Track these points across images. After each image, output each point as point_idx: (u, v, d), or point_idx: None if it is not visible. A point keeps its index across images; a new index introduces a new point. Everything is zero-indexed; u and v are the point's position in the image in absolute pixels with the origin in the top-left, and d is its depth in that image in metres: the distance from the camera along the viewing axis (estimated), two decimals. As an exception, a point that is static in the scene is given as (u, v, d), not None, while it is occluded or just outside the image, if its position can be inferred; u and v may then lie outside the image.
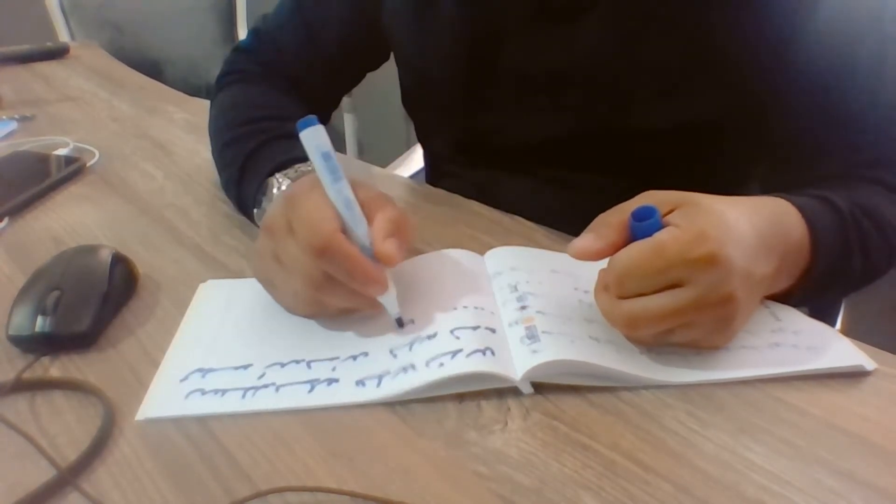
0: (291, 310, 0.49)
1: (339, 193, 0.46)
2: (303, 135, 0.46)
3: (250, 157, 0.62)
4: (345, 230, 0.45)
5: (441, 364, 0.42)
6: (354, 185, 0.47)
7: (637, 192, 0.46)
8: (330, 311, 0.48)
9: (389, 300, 0.46)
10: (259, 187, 0.59)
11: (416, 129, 0.82)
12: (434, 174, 0.84)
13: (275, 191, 0.58)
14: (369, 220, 0.47)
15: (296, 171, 0.58)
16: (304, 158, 0.58)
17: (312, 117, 0.46)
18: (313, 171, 0.46)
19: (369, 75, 0.82)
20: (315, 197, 0.46)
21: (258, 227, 0.59)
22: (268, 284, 0.49)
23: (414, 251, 0.57)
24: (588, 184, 0.67)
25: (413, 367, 0.43)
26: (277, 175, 0.58)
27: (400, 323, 0.47)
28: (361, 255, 0.44)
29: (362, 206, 0.47)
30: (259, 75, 0.76)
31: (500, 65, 0.66)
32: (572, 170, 0.68)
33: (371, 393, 0.42)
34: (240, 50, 0.79)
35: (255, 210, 0.61)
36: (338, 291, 0.45)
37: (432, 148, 0.83)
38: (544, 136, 0.67)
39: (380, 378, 0.43)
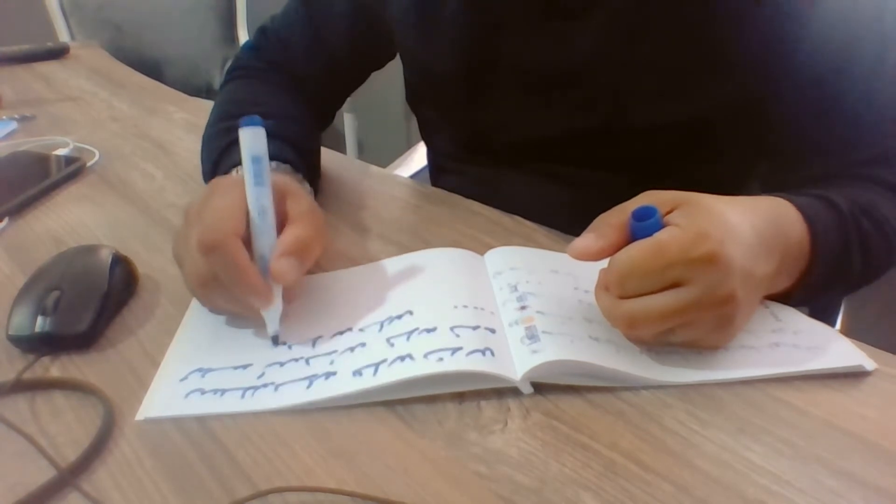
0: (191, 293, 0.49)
1: (257, 200, 0.46)
2: (241, 132, 0.46)
3: (224, 151, 0.62)
4: (251, 236, 0.45)
5: (440, 359, 0.42)
6: (291, 197, 0.48)
7: (638, 189, 0.46)
8: (222, 309, 0.48)
9: (271, 315, 0.46)
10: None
11: (420, 126, 0.82)
12: (436, 171, 0.84)
13: None
14: (285, 232, 0.46)
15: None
16: (276, 158, 0.58)
17: (257, 118, 0.46)
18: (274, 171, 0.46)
19: (370, 75, 0.82)
20: (232, 195, 0.46)
21: None
22: (178, 263, 0.49)
23: (413, 251, 0.57)
24: (590, 180, 0.68)
25: (411, 357, 0.43)
26: (239, 167, 0.57)
27: (275, 341, 0.46)
28: (250, 265, 0.44)
29: (285, 218, 0.47)
30: (264, 72, 0.76)
31: (502, 62, 0.66)
32: (574, 166, 0.68)
33: (368, 381, 0.42)
34: (248, 48, 0.80)
35: None
36: (222, 293, 0.45)
37: (435, 145, 0.83)
38: (546, 132, 0.68)
39: (377, 367, 0.43)
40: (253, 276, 0.44)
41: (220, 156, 0.62)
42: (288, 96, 0.73)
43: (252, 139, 0.46)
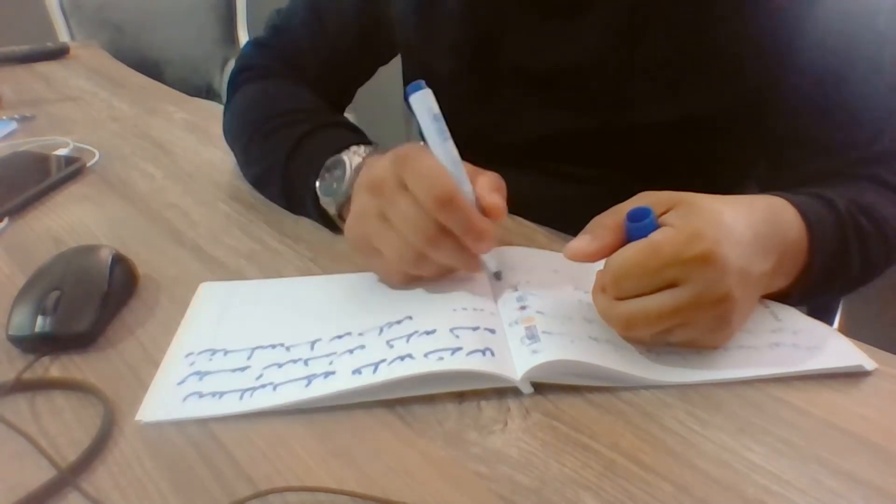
0: (388, 273, 0.51)
1: (448, 153, 0.48)
2: (413, 98, 0.48)
3: (303, 139, 0.62)
4: None
5: (440, 358, 0.42)
6: None
7: (638, 188, 0.46)
8: (429, 272, 0.49)
9: (490, 257, 0.49)
10: (320, 166, 0.59)
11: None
12: None
13: (347, 169, 0.57)
14: (471, 181, 0.48)
15: (364, 152, 0.58)
16: (364, 144, 0.59)
17: (421, 82, 0.49)
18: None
19: (375, 72, 0.82)
20: (428, 156, 0.47)
21: (310, 207, 0.60)
22: (365, 247, 0.50)
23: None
24: (590, 180, 0.68)
25: (411, 356, 0.43)
26: (347, 153, 0.58)
27: (498, 276, 0.50)
28: (477, 211, 0.46)
29: None
30: (281, 70, 0.77)
31: (502, 60, 0.66)
32: (573, 165, 0.69)
33: (367, 379, 0.42)
34: (257, 45, 0.80)
35: (317, 183, 0.59)
36: (447, 247, 0.46)
37: None
38: (546, 131, 0.68)
39: (376, 366, 0.43)
40: (483, 222, 0.46)
41: (300, 141, 0.62)
42: (311, 92, 0.74)
43: (427, 101, 0.49)
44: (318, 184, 0.59)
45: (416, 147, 0.49)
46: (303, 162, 0.61)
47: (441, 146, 0.48)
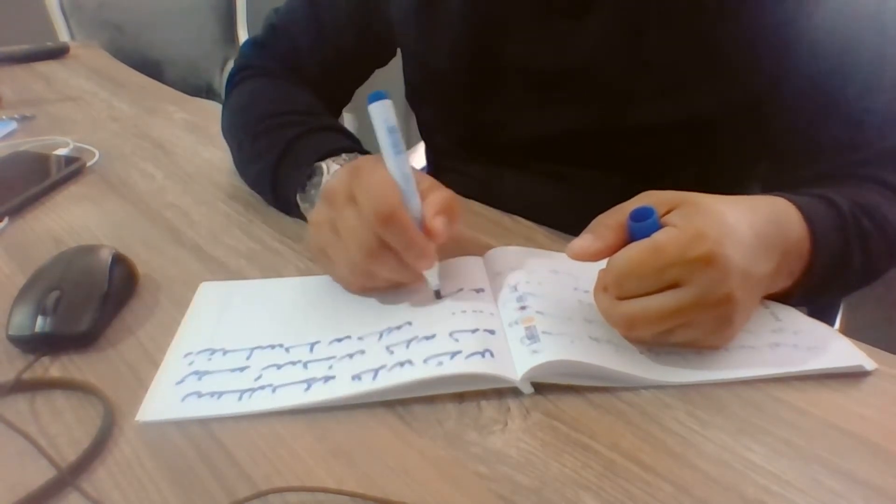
0: (343, 281, 0.51)
1: (400, 168, 0.48)
2: (371, 107, 0.48)
3: (293, 142, 0.63)
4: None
5: (440, 363, 0.42)
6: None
7: (639, 188, 0.46)
8: (379, 283, 0.50)
9: (432, 274, 0.49)
10: (305, 172, 0.59)
11: (419, 124, 0.82)
12: (436, 169, 0.84)
13: (325, 176, 0.58)
14: (422, 197, 0.48)
15: (344, 160, 0.59)
16: (349, 150, 0.60)
17: (383, 92, 0.48)
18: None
19: (372, 73, 0.82)
20: (380, 169, 0.47)
21: (299, 210, 0.61)
22: (321, 255, 0.51)
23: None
24: (590, 180, 0.68)
25: (410, 362, 0.43)
26: (328, 160, 0.59)
27: (438, 294, 0.49)
28: (418, 230, 0.46)
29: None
30: (278, 70, 0.77)
31: (503, 60, 0.66)
32: (574, 165, 0.68)
33: (367, 385, 0.42)
34: (255, 44, 0.80)
35: (298, 194, 0.61)
36: (388, 262, 0.47)
37: (435, 143, 0.83)
38: (546, 131, 0.68)
39: (376, 372, 0.43)
40: (423, 241, 0.46)
41: (288, 146, 0.63)
42: (310, 94, 0.74)
43: (384, 112, 0.48)
44: (299, 195, 0.60)
45: (372, 159, 0.49)
46: (290, 168, 0.62)
47: (394, 159, 0.48)
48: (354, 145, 0.62)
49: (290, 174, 0.61)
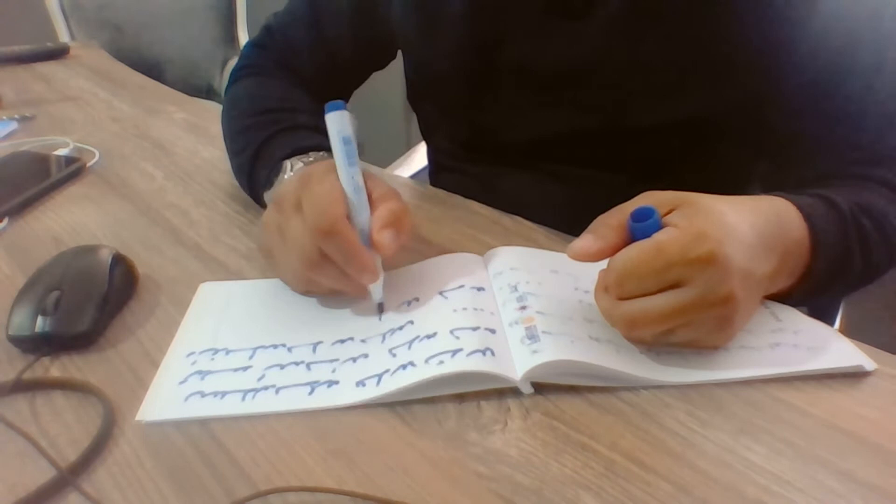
0: (287, 283, 0.52)
1: (351, 178, 0.48)
2: (328, 117, 0.48)
3: (265, 142, 0.63)
4: (349, 215, 0.47)
5: (441, 362, 0.42)
6: (367, 177, 0.50)
7: (640, 188, 0.46)
8: (322, 291, 0.50)
9: (376, 287, 0.49)
10: (272, 170, 0.60)
11: (420, 124, 0.82)
12: (436, 169, 0.84)
13: (287, 173, 0.58)
14: (373, 209, 0.48)
15: (310, 158, 0.59)
16: (320, 148, 0.60)
17: (340, 102, 0.48)
18: (329, 158, 0.48)
19: (370, 76, 0.82)
20: (329, 179, 0.48)
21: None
22: (268, 256, 0.52)
23: (413, 250, 0.57)
24: (591, 180, 0.68)
25: (412, 363, 0.43)
26: (293, 159, 0.59)
27: (381, 308, 0.49)
28: (360, 244, 0.46)
29: (369, 196, 0.49)
30: (273, 70, 0.77)
31: (505, 61, 0.66)
32: (575, 166, 0.69)
33: (371, 392, 0.42)
34: (255, 45, 0.80)
35: (265, 192, 0.61)
36: (331, 273, 0.47)
37: (435, 143, 0.83)
38: (547, 131, 0.68)
39: (379, 377, 0.43)
40: (365, 255, 0.46)
41: (263, 144, 0.63)
42: (300, 92, 0.74)
43: (340, 122, 0.48)
44: (265, 193, 0.61)
45: (324, 167, 0.49)
46: (261, 166, 0.62)
47: (346, 170, 0.48)
48: (324, 142, 0.62)
49: (260, 172, 0.62)
